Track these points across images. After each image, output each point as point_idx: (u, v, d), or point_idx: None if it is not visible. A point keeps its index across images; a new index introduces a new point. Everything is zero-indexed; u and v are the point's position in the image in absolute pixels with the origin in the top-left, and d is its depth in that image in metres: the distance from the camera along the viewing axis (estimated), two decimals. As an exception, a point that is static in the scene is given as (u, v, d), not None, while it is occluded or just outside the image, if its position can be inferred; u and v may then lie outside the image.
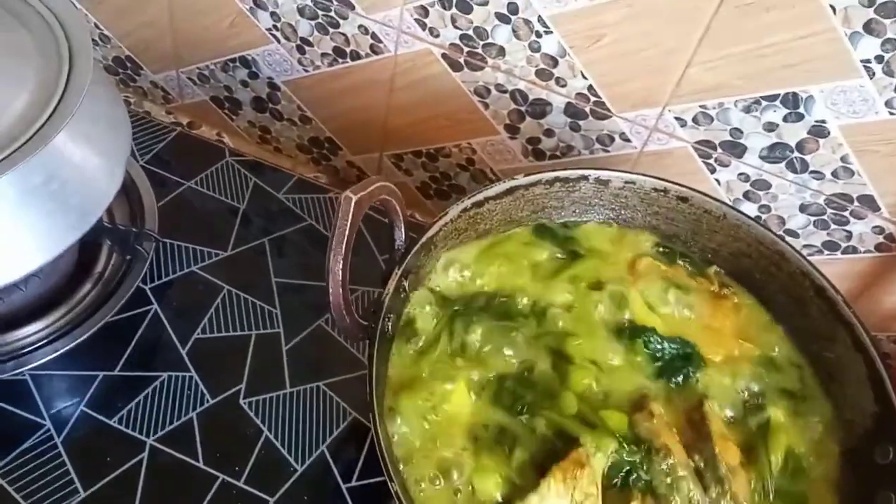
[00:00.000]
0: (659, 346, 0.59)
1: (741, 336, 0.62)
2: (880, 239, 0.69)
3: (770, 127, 0.65)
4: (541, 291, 0.61)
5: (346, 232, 0.48)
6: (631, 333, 0.59)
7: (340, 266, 0.48)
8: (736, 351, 0.60)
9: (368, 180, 0.50)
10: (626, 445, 0.53)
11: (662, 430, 0.53)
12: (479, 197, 0.60)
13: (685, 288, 0.63)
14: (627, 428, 0.54)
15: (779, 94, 0.63)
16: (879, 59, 0.58)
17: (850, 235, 0.70)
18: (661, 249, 0.66)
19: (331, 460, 0.63)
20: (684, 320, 0.61)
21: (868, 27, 0.57)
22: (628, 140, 0.72)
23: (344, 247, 0.48)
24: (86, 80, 0.56)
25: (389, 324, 0.54)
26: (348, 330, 0.52)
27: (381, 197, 0.51)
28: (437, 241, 0.59)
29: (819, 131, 0.64)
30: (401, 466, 0.50)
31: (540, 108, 0.73)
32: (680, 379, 0.58)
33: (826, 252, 0.72)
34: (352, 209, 0.48)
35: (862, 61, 0.59)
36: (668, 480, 0.52)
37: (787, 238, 0.71)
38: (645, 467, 0.52)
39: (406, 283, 0.56)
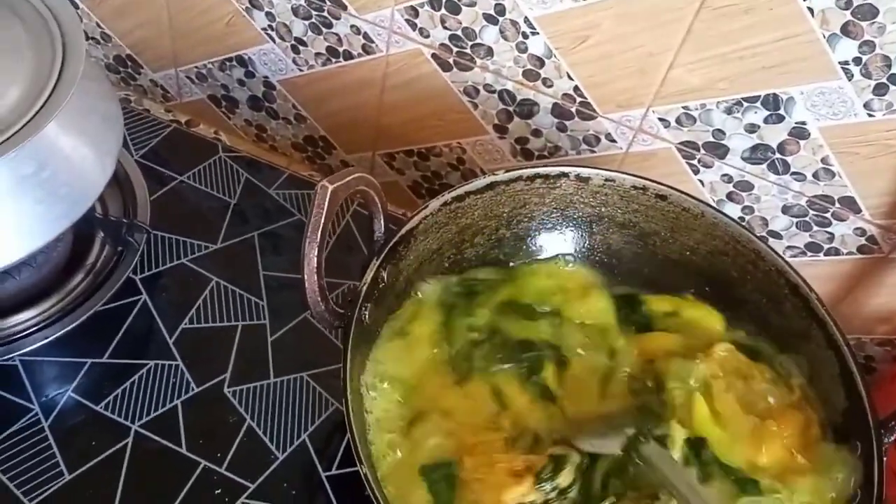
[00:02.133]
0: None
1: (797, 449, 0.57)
2: (862, 241, 0.69)
3: (751, 128, 0.66)
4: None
5: (322, 220, 0.49)
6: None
7: (315, 253, 0.49)
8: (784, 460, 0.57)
9: (346, 171, 0.51)
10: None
11: None
12: (460, 191, 0.61)
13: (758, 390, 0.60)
14: None
15: (759, 96, 0.64)
16: (857, 60, 0.59)
17: (832, 237, 0.70)
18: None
19: (312, 449, 0.64)
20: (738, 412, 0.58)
21: (846, 29, 0.58)
22: (614, 141, 0.73)
23: (319, 235, 0.49)
24: (77, 73, 0.58)
25: (367, 313, 0.55)
26: (323, 318, 0.53)
27: (358, 188, 0.52)
28: (418, 234, 0.60)
29: (800, 133, 0.65)
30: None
31: (527, 109, 0.74)
32: None
33: (809, 254, 0.73)
34: (327, 198, 0.49)
35: (840, 63, 0.59)
36: None
37: (771, 240, 0.72)
38: None
39: (385, 274, 0.57)
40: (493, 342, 0.61)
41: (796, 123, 0.64)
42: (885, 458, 0.52)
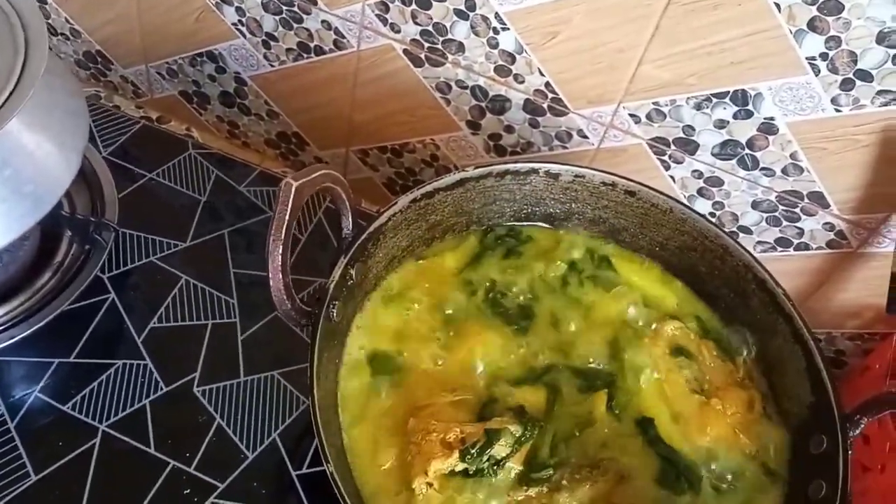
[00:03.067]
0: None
1: (740, 429, 0.59)
2: (831, 236, 0.70)
3: (721, 124, 0.66)
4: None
5: (286, 217, 0.49)
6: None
7: (280, 251, 0.49)
8: (728, 439, 0.58)
9: (311, 167, 0.51)
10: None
11: None
12: (429, 188, 0.61)
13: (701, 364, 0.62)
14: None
15: (728, 92, 0.64)
16: (824, 56, 0.59)
17: (801, 232, 0.71)
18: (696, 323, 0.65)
19: (282, 448, 0.64)
20: (687, 395, 0.59)
21: (812, 25, 0.58)
22: (585, 136, 0.73)
23: (283, 232, 0.49)
24: (40, 68, 0.57)
25: (334, 311, 0.55)
26: (289, 315, 0.52)
27: (324, 185, 0.52)
28: (387, 231, 0.60)
29: (768, 128, 0.65)
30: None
31: (500, 105, 0.74)
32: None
33: (779, 249, 0.73)
34: (292, 195, 0.49)
35: (807, 58, 0.60)
36: None
37: (741, 235, 0.73)
38: None
39: (353, 272, 0.57)
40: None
41: (765, 119, 0.64)
42: (850, 452, 0.52)
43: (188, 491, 0.61)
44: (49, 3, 0.86)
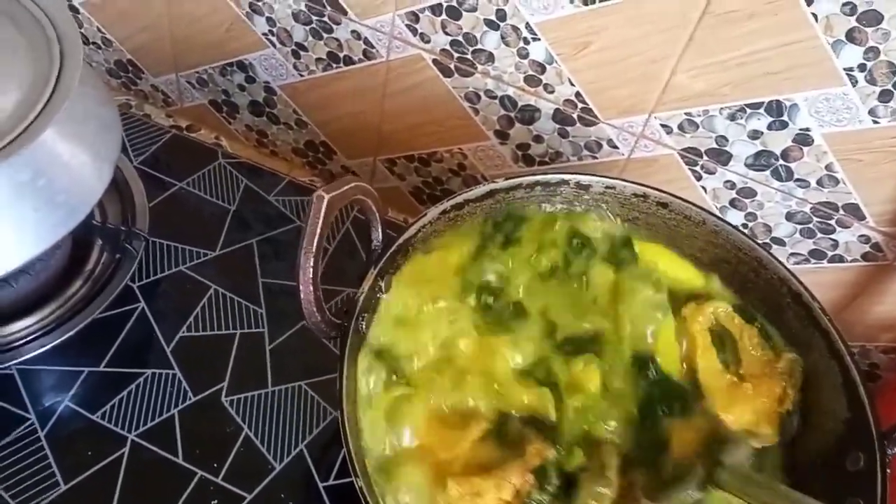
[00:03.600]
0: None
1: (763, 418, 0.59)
2: (866, 248, 0.69)
3: (755, 135, 0.65)
4: None
5: (318, 230, 0.48)
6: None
7: (311, 264, 0.49)
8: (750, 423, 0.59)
9: (342, 180, 0.51)
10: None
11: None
12: (459, 199, 0.61)
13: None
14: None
15: (763, 102, 0.63)
16: (862, 67, 0.58)
17: (836, 244, 0.70)
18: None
19: (309, 459, 0.64)
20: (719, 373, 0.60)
21: (850, 35, 0.57)
22: (616, 147, 0.72)
23: (315, 245, 0.49)
24: (74, 78, 0.58)
25: (364, 323, 0.55)
26: (319, 328, 0.52)
27: (354, 197, 0.52)
28: (416, 243, 0.59)
29: (803, 139, 0.64)
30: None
31: (529, 115, 0.74)
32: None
33: (813, 261, 0.72)
34: (323, 208, 0.48)
35: (845, 69, 0.59)
36: None
37: (774, 246, 0.72)
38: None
39: (382, 284, 0.57)
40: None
41: (800, 130, 0.64)
42: (888, 470, 0.51)
43: (216, 501, 0.61)
44: (81, 12, 0.87)
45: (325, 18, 0.75)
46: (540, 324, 0.61)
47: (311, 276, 0.49)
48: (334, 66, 0.79)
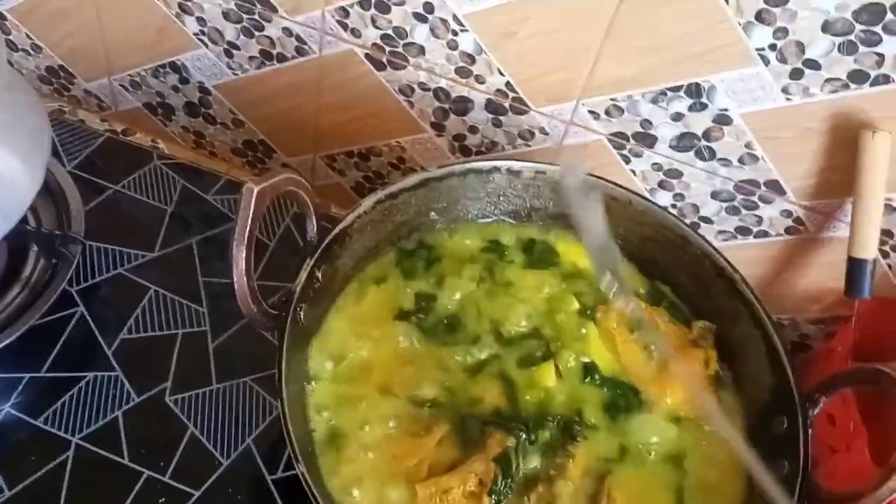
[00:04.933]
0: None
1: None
2: (789, 222, 0.71)
3: (677, 117, 0.68)
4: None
5: (248, 223, 0.49)
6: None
7: (244, 255, 0.49)
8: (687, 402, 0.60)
9: (272, 171, 0.52)
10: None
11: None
12: (394, 189, 0.62)
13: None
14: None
15: (682, 85, 0.65)
16: (773, 47, 0.61)
17: (760, 220, 0.72)
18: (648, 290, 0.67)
19: (256, 453, 0.64)
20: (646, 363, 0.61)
21: (760, 16, 0.59)
22: (547, 134, 0.74)
23: (246, 237, 0.49)
24: (-2, 85, 0.57)
25: (302, 313, 0.55)
26: (257, 319, 0.53)
27: (286, 189, 0.53)
28: (353, 233, 0.60)
29: (723, 119, 0.66)
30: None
31: (462, 106, 0.75)
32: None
33: (739, 237, 0.74)
34: (253, 199, 0.49)
35: (757, 50, 0.61)
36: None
37: (703, 225, 0.74)
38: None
39: (319, 274, 0.57)
40: None
41: (719, 111, 0.66)
42: (810, 431, 0.54)
43: (163, 500, 0.61)
44: (9, 18, 0.86)
45: (256, 16, 0.75)
46: (480, 329, 0.62)
47: (243, 268, 0.50)
48: (268, 63, 0.80)
